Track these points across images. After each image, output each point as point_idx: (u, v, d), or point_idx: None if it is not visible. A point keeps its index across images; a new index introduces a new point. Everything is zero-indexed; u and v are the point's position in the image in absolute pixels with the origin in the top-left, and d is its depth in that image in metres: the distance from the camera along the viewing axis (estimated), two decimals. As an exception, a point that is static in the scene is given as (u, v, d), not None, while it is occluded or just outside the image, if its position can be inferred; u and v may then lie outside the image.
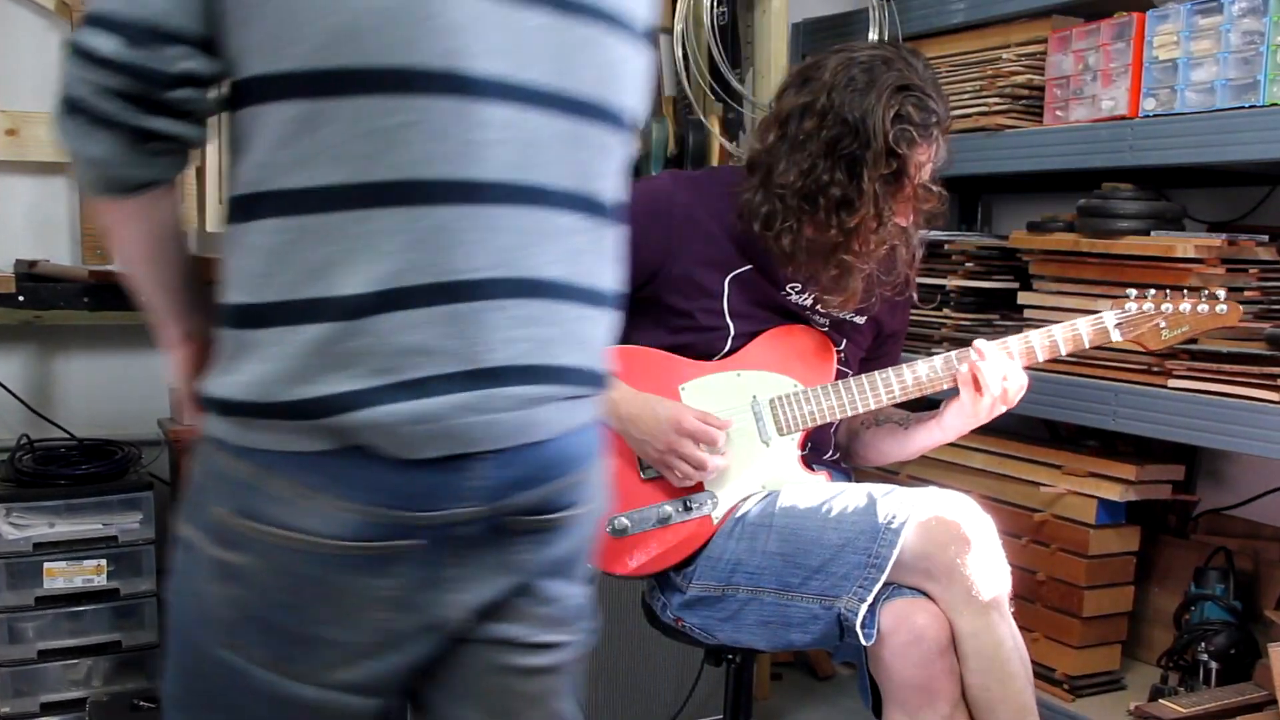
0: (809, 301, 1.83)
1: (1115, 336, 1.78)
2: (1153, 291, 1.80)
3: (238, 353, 0.98)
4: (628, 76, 1.10)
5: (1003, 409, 1.75)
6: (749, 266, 1.81)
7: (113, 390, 2.52)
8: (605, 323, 1.13)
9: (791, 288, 1.82)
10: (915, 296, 1.90)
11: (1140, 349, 1.83)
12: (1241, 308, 1.80)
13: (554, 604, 1.13)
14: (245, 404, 0.97)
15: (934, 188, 1.72)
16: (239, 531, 0.99)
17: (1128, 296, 1.80)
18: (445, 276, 0.97)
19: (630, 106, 1.11)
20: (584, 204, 1.07)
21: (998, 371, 1.71)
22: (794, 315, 1.85)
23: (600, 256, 1.11)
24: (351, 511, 0.98)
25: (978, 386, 1.72)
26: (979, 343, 1.74)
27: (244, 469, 0.99)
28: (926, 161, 1.70)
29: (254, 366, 0.96)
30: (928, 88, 1.68)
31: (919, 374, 1.77)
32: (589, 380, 1.11)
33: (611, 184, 1.11)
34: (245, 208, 0.98)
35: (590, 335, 1.10)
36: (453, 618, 1.06)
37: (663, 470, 1.75)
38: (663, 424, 1.71)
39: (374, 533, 0.99)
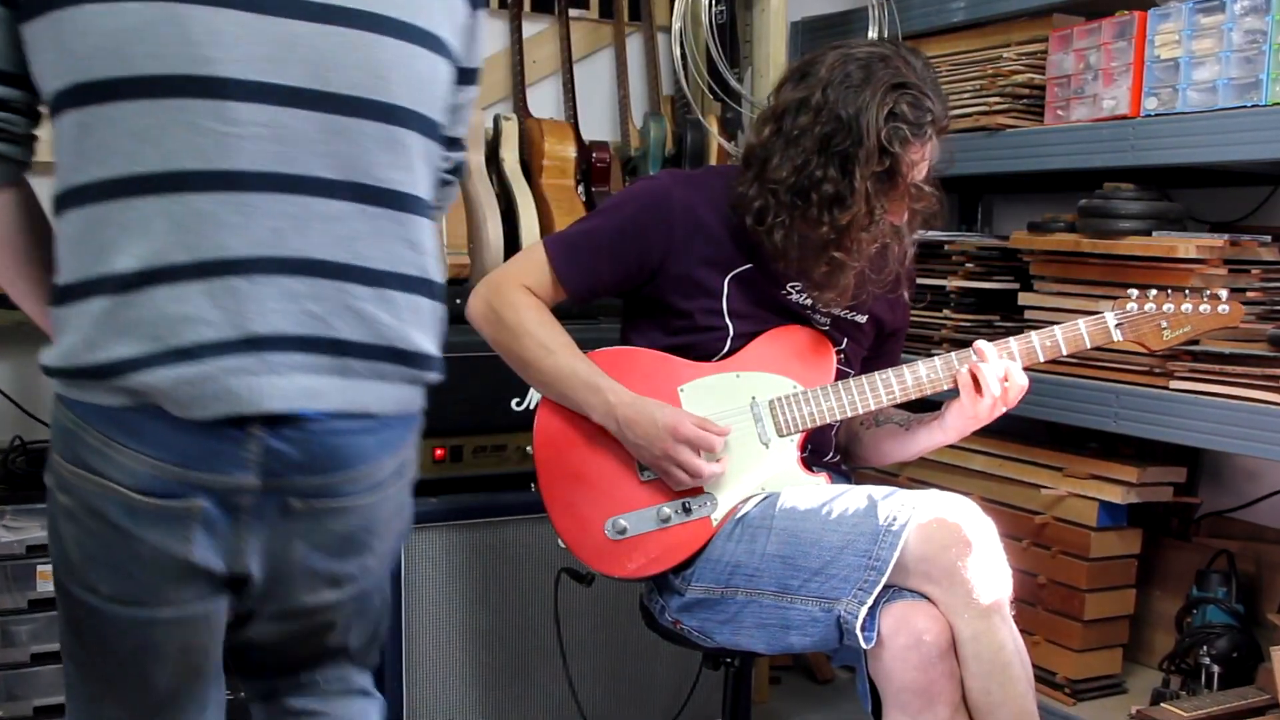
0: (809, 301, 1.82)
1: (1116, 336, 1.77)
2: (1154, 291, 1.79)
3: (58, 327, 1.14)
4: (413, 78, 1.20)
5: (1003, 410, 1.73)
6: (749, 265, 1.79)
7: (107, 391, 2.50)
8: (403, 305, 1.21)
9: (792, 286, 1.81)
10: (907, 295, 1.89)
11: (1142, 349, 1.82)
12: (1244, 308, 1.79)
13: (334, 573, 1.24)
14: (61, 369, 1.13)
15: (927, 188, 1.71)
16: (68, 478, 1.15)
17: (1129, 297, 1.79)
18: (209, 254, 1.10)
19: (420, 103, 1.21)
20: (359, 192, 1.17)
21: (997, 373, 1.70)
22: (794, 315, 1.83)
23: (389, 241, 1.20)
24: (145, 465, 1.11)
25: (977, 388, 1.71)
26: (979, 344, 1.73)
27: (71, 419, 1.14)
28: (920, 161, 1.69)
29: (66, 338, 1.12)
30: (924, 86, 1.67)
31: (919, 375, 1.76)
32: (377, 356, 1.19)
33: (409, 176, 1.21)
34: (56, 204, 1.14)
35: (376, 315, 1.18)
36: (238, 575, 1.18)
37: (660, 475, 1.73)
38: (660, 429, 1.69)
39: (163, 488, 1.11)
